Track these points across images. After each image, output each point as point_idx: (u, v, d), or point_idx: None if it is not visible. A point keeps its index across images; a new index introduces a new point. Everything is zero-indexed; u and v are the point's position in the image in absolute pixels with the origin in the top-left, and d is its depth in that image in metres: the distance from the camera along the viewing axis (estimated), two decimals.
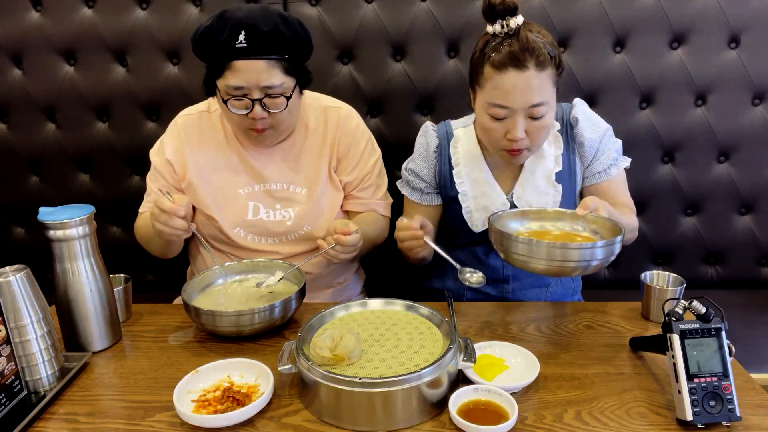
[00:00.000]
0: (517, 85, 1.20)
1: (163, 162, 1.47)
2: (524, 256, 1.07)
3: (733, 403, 0.88)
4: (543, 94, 1.21)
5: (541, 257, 1.05)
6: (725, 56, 1.76)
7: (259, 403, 0.92)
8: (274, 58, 1.27)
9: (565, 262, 1.04)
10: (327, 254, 1.28)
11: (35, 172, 1.97)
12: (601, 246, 1.04)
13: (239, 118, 1.32)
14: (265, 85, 1.27)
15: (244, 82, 1.26)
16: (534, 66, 1.19)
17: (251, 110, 1.29)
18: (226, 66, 1.26)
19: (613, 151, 1.40)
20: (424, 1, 1.77)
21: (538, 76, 1.20)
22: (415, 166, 1.47)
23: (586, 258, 1.03)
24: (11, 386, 0.96)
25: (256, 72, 1.25)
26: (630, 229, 1.33)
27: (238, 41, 1.23)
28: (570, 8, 1.75)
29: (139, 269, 2.01)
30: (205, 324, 1.15)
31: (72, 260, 1.09)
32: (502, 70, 1.20)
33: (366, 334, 1.05)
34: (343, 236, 1.25)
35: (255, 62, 1.25)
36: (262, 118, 1.31)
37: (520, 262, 1.10)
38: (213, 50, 1.27)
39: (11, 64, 1.87)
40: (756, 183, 1.84)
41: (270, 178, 1.45)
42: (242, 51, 1.24)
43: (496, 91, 1.22)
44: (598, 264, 1.05)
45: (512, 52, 1.19)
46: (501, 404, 0.91)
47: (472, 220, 1.43)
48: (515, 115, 1.22)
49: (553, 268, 1.06)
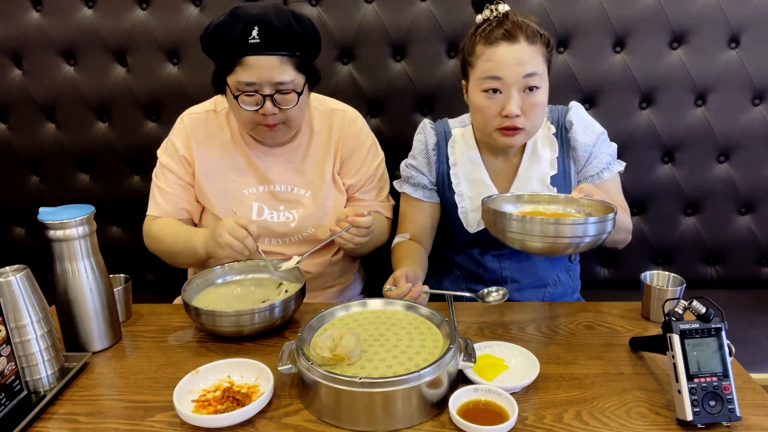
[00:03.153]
0: (510, 55, 1.23)
1: (177, 158, 1.46)
2: (518, 234, 1.08)
3: (733, 403, 0.88)
4: (535, 64, 1.24)
5: (534, 234, 1.05)
6: (725, 56, 1.76)
7: (259, 403, 0.92)
8: (286, 55, 1.28)
9: (558, 239, 1.04)
10: (341, 237, 1.28)
11: (35, 172, 1.97)
12: (594, 222, 1.04)
13: (249, 115, 1.32)
14: (277, 81, 1.28)
15: (256, 78, 1.27)
16: (524, 39, 1.23)
17: (262, 106, 1.29)
18: (238, 62, 1.27)
19: (606, 155, 1.40)
20: (424, 1, 1.77)
21: (529, 49, 1.23)
22: (416, 162, 1.47)
23: (579, 234, 1.03)
24: (11, 386, 0.96)
25: (268, 68, 1.26)
26: (624, 228, 1.33)
27: (251, 37, 1.24)
28: (570, 8, 1.75)
29: (139, 269, 2.01)
30: (205, 324, 1.15)
31: (72, 260, 1.09)
32: (494, 44, 1.24)
33: (366, 334, 1.05)
34: (358, 218, 1.26)
35: (267, 58, 1.26)
36: (273, 114, 1.31)
37: (514, 241, 1.10)
38: (225, 46, 1.27)
39: (11, 64, 1.87)
40: (756, 183, 1.84)
41: (274, 180, 1.46)
42: (255, 47, 1.25)
43: (489, 64, 1.25)
44: (590, 241, 1.05)
45: (503, 27, 1.24)
46: (501, 404, 0.91)
47: (467, 220, 1.43)
48: (509, 89, 1.24)
49: (547, 245, 1.06)
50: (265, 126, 1.34)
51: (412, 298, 1.18)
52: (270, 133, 1.37)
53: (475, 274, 1.49)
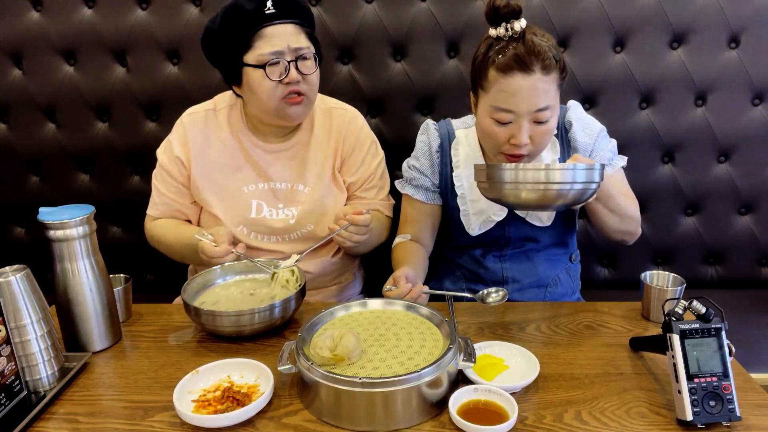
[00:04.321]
0: (523, 89, 1.19)
1: (172, 159, 1.47)
2: (511, 184, 1.09)
3: (733, 403, 0.88)
4: (548, 98, 1.21)
5: (527, 181, 1.08)
6: (725, 56, 1.76)
7: (259, 403, 0.92)
8: (298, 23, 1.34)
9: (549, 185, 1.07)
10: (340, 236, 1.29)
11: (35, 172, 1.97)
12: (582, 168, 1.07)
13: (273, 89, 1.33)
14: (296, 47, 1.32)
15: (277, 47, 1.31)
16: (540, 70, 1.18)
17: (287, 74, 1.32)
18: (257, 34, 1.31)
19: (607, 152, 1.39)
20: (424, 1, 1.77)
21: (544, 80, 1.19)
22: (419, 164, 1.47)
23: (568, 180, 1.06)
24: (11, 386, 0.96)
25: (287, 34, 1.31)
26: (630, 216, 1.34)
27: (267, 8, 1.29)
28: (570, 8, 1.75)
29: (139, 269, 2.01)
30: (205, 324, 1.15)
31: (72, 260, 1.09)
32: (507, 73, 1.19)
33: (366, 334, 1.05)
34: (356, 216, 1.26)
35: (285, 26, 1.32)
36: (297, 82, 1.33)
37: (508, 196, 1.11)
38: (241, 22, 1.31)
39: (11, 64, 1.87)
40: (756, 183, 1.84)
41: (275, 177, 1.46)
42: (271, 16, 1.30)
43: (502, 95, 1.21)
44: (579, 188, 1.07)
45: (518, 55, 1.18)
46: (501, 404, 0.91)
47: (468, 222, 1.43)
48: (520, 119, 1.21)
49: (539, 193, 1.08)
50: (289, 100, 1.35)
51: (412, 298, 1.18)
52: (294, 108, 1.37)
53: (476, 274, 1.49)
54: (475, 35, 1.76)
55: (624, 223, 1.34)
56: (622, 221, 1.34)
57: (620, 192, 1.35)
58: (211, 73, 1.72)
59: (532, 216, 1.40)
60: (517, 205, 1.14)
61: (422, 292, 1.22)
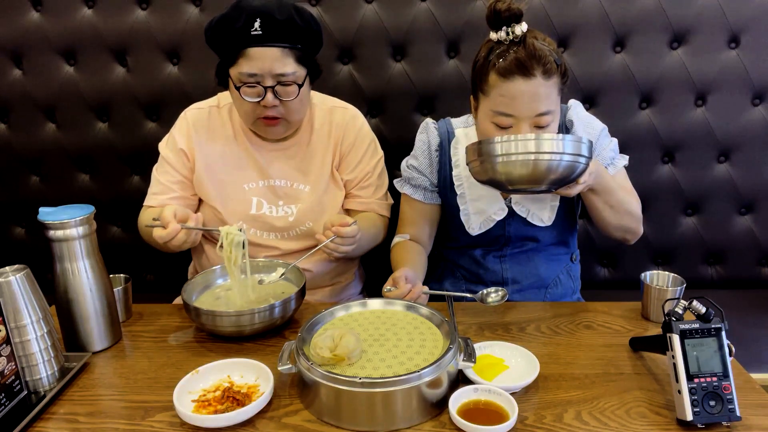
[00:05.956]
0: (524, 93, 1.18)
1: (176, 151, 1.47)
2: (502, 156, 1.10)
3: (733, 403, 0.88)
4: (549, 102, 1.20)
5: (518, 152, 1.09)
6: (725, 56, 1.76)
7: (259, 403, 0.92)
8: (287, 47, 1.30)
9: (540, 155, 1.08)
10: (327, 248, 1.28)
11: (35, 172, 1.97)
12: (570, 140, 1.09)
13: (251, 107, 1.33)
14: (278, 73, 1.29)
15: (258, 69, 1.28)
16: (541, 74, 1.18)
17: (263, 98, 1.31)
18: (241, 53, 1.29)
19: (609, 151, 1.39)
20: (424, 1, 1.77)
21: (545, 84, 1.19)
22: (418, 163, 1.46)
23: (557, 150, 1.08)
24: (11, 386, 0.96)
25: (270, 59, 1.28)
26: (631, 211, 1.35)
27: (254, 28, 1.26)
28: (570, 8, 1.75)
29: (139, 269, 2.01)
30: (205, 324, 1.15)
31: (72, 260, 1.09)
32: (508, 77, 1.19)
33: (366, 334, 1.05)
34: (341, 228, 1.25)
35: (269, 50, 1.28)
36: (274, 106, 1.32)
37: (501, 173, 1.12)
38: (228, 38, 1.29)
39: (11, 64, 1.87)
40: (756, 183, 1.84)
41: (275, 175, 1.47)
42: (257, 38, 1.27)
43: (502, 99, 1.21)
44: (569, 160, 1.09)
45: (519, 59, 1.17)
46: (501, 404, 0.91)
47: (468, 222, 1.43)
48: (520, 123, 1.21)
49: (529, 166, 1.09)
50: (264, 120, 1.35)
51: (412, 298, 1.18)
52: (270, 128, 1.38)
53: (476, 275, 1.49)
54: (475, 35, 1.77)
55: (624, 219, 1.34)
56: (623, 217, 1.34)
57: (621, 188, 1.35)
58: (211, 73, 1.72)
59: (533, 216, 1.40)
60: (509, 182, 1.13)
61: (422, 293, 1.22)
